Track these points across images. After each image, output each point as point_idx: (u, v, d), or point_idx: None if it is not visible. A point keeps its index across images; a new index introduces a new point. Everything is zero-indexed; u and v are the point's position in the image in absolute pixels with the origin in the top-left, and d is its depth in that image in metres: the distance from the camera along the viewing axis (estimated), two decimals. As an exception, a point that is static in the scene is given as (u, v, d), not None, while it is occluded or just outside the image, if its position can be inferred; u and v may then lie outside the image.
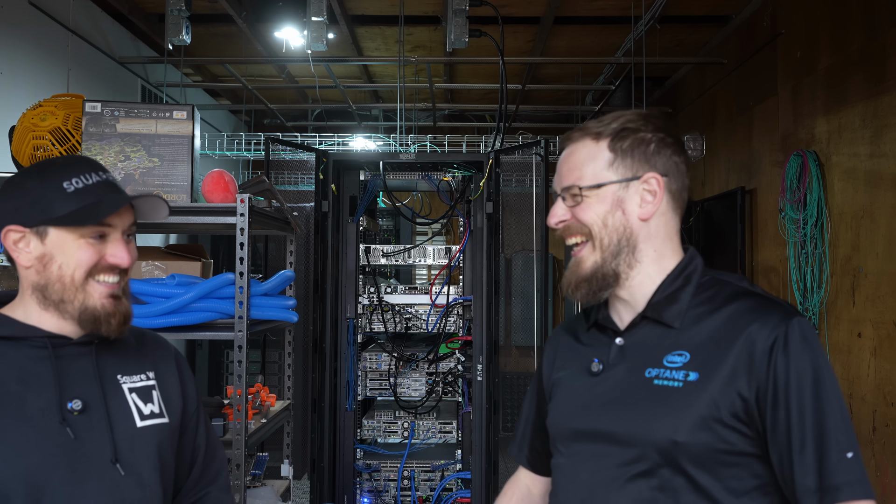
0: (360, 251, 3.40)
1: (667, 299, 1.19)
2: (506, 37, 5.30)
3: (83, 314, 1.24)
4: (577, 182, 1.21)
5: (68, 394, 1.22)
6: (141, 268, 2.48)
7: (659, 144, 1.21)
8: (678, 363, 1.15)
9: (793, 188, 4.09)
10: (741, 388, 1.10)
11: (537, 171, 3.54)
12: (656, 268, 1.21)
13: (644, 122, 1.22)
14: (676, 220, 1.24)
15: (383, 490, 3.33)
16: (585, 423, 1.21)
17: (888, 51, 3.44)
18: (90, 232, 1.24)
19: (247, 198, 2.20)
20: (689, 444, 1.10)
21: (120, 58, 5.18)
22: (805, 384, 1.09)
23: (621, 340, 1.22)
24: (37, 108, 2.43)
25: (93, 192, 1.24)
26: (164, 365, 1.39)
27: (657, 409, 1.13)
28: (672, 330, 1.18)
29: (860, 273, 3.64)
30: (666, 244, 1.22)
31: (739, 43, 5.19)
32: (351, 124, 7.53)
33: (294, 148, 5.87)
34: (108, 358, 1.30)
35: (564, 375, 1.29)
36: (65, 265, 1.23)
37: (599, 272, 1.20)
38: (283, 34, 4.59)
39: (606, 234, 1.20)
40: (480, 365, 3.27)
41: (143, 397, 1.31)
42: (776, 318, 1.12)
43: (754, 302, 1.16)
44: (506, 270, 7.98)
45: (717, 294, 1.19)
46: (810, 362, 1.10)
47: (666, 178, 1.21)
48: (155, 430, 1.31)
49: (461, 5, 3.65)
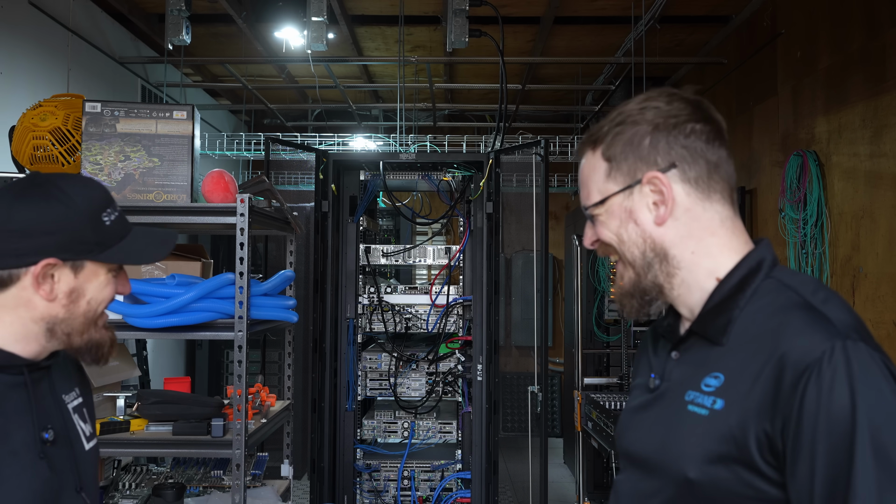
0: (360, 251, 3.40)
1: (715, 310, 1.02)
2: (506, 37, 5.30)
3: (88, 344, 1.20)
4: (585, 202, 1.11)
5: (41, 423, 1.17)
6: (141, 268, 2.48)
7: (654, 135, 1.04)
8: (712, 387, 0.99)
9: (793, 188, 4.09)
10: (765, 426, 0.92)
11: (537, 171, 3.53)
12: (702, 271, 1.04)
13: (640, 111, 1.06)
14: (715, 209, 1.04)
15: (383, 490, 3.33)
16: (630, 444, 1.11)
17: (888, 51, 3.44)
18: (115, 265, 1.20)
19: (247, 198, 2.20)
20: (702, 483, 0.96)
21: (120, 58, 5.18)
22: (837, 428, 0.86)
23: (676, 354, 1.08)
24: (37, 108, 2.43)
25: (122, 224, 1.21)
26: (81, 377, 1.35)
27: (679, 438, 1.00)
28: (717, 347, 1.01)
29: (860, 273, 3.64)
30: (708, 241, 1.04)
31: (739, 43, 5.19)
32: (351, 124, 7.53)
33: (294, 148, 5.87)
34: (55, 377, 1.25)
35: (637, 384, 1.18)
36: (93, 300, 1.19)
37: (638, 288, 1.08)
38: (283, 34, 4.59)
39: (628, 250, 1.07)
40: (480, 365, 3.27)
41: (80, 417, 1.27)
42: (817, 338, 0.90)
43: (803, 317, 0.94)
44: (506, 270, 7.98)
45: (771, 304, 0.99)
46: (850, 400, 0.86)
47: (674, 169, 1.04)
48: (95, 451, 1.28)
49: (461, 5, 3.65)
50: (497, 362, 3.24)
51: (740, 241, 1.06)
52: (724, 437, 0.94)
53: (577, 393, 4.49)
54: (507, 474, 6.01)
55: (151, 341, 5.21)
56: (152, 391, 2.55)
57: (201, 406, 2.33)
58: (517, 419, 7.73)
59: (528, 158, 6.17)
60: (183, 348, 6.22)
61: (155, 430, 2.34)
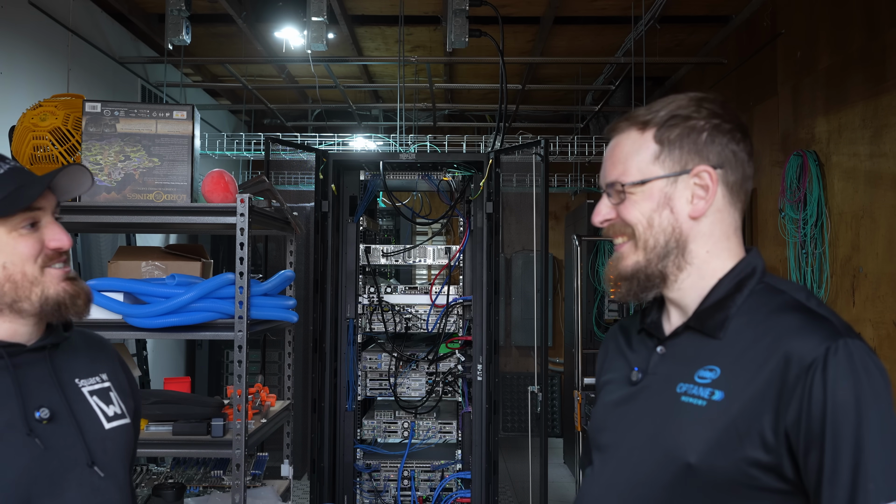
0: (360, 251, 3.40)
1: (714, 307, 1.07)
2: (506, 37, 5.30)
3: (45, 306, 1.17)
4: (620, 178, 1.10)
5: (33, 403, 1.16)
6: (141, 268, 2.48)
7: (713, 132, 1.08)
8: (707, 379, 1.03)
9: (793, 188, 4.09)
10: (767, 419, 0.97)
11: (537, 171, 3.53)
12: (709, 270, 1.09)
13: (696, 108, 1.09)
14: (735, 217, 1.11)
15: (383, 490, 3.33)
16: (611, 436, 1.14)
17: (888, 51, 3.44)
18: (20, 221, 1.15)
19: (247, 198, 2.20)
20: (702, 469, 0.99)
21: (120, 58, 5.18)
22: (844, 422, 0.93)
23: (662, 349, 1.12)
24: (37, 108, 2.43)
25: (11, 179, 1.16)
26: (112, 364, 1.35)
27: (676, 428, 1.03)
28: (713, 341, 1.05)
29: (860, 273, 3.64)
30: (721, 244, 1.09)
31: (739, 43, 5.19)
32: (351, 124, 7.53)
33: (294, 148, 5.87)
34: (63, 363, 1.24)
35: (610, 379, 1.21)
36: (9, 263, 1.15)
37: (642, 273, 1.09)
38: (283, 34, 4.59)
39: (652, 236, 1.09)
40: (480, 365, 3.27)
41: (103, 399, 1.27)
42: (819, 336, 0.97)
43: (801, 318, 1.00)
44: (506, 270, 7.98)
45: (765, 305, 1.05)
46: (854, 394, 0.93)
47: (721, 170, 1.08)
48: (121, 430, 1.28)
49: (461, 5, 3.65)
50: (497, 362, 3.24)
51: (741, 249, 1.12)
52: (724, 427, 0.99)
53: (577, 393, 4.49)
54: (507, 474, 6.01)
55: (151, 341, 5.21)
56: (152, 391, 2.55)
57: (201, 406, 2.33)
58: (517, 419, 7.74)
59: (528, 158, 6.18)
60: (183, 348, 6.22)
61: (155, 430, 2.34)
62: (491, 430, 3.23)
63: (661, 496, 1.04)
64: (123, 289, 2.22)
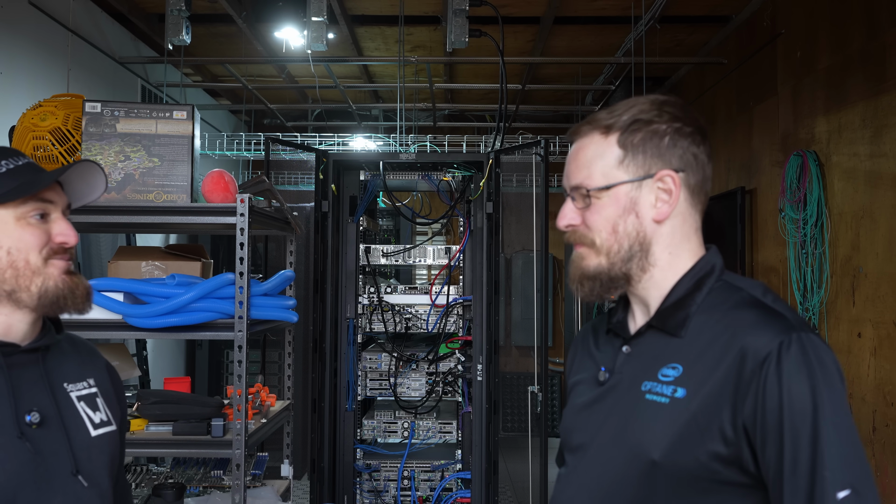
0: (360, 251, 3.40)
1: (674, 306, 1.09)
2: (506, 37, 5.30)
3: (43, 298, 1.16)
4: (585, 182, 1.11)
5: (24, 406, 1.15)
6: (141, 268, 2.48)
7: (674, 136, 1.10)
8: (670, 377, 1.05)
9: (793, 188, 4.09)
10: (726, 413, 0.99)
11: (537, 171, 3.53)
12: (671, 271, 1.11)
13: (658, 112, 1.10)
14: (696, 217, 1.13)
15: (383, 490, 3.33)
16: (581, 436, 1.15)
17: (888, 51, 3.44)
18: (30, 210, 1.16)
19: (247, 198, 2.20)
20: (665, 466, 1.01)
21: (120, 58, 5.18)
22: (799, 414, 0.95)
23: (627, 348, 1.13)
24: (37, 108, 2.43)
25: (26, 171, 1.17)
26: (99, 370, 1.34)
27: (640, 426, 1.05)
28: (675, 339, 1.08)
29: (860, 273, 3.64)
30: (682, 245, 1.11)
31: (739, 43, 5.19)
32: (351, 124, 7.53)
33: (294, 148, 5.87)
34: (53, 366, 1.23)
35: (579, 380, 1.22)
36: (14, 249, 1.14)
37: (605, 275, 1.11)
38: (283, 34, 4.59)
39: (616, 241, 1.10)
40: (480, 365, 3.27)
41: (90, 405, 1.26)
42: (773, 331, 0.99)
43: (757, 314, 1.03)
44: (506, 270, 7.98)
45: (724, 302, 1.07)
46: (809, 386, 0.95)
47: (683, 173, 1.10)
48: (107, 438, 1.27)
49: (461, 5, 3.65)
50: (497, 362, 3.24)
51: (701, 248, 1.14)
52: (685, 423, 1.01)
53: (577, 393, 4.48)
54: (507, 474, 6.01)
55: (151, 341, 5.21)
56: (152, 391, 2.55)
57: (201, 406, 2.33)
58: (517, 419, 7.74)
59: (528, 158, 6.18)
60: (183, 348, 6.22)
61: (155, 430, 2.34)
62: (491, 430, 3.23)
63: (629, 493, 1.06)
64: (123, 289, 2.22)
